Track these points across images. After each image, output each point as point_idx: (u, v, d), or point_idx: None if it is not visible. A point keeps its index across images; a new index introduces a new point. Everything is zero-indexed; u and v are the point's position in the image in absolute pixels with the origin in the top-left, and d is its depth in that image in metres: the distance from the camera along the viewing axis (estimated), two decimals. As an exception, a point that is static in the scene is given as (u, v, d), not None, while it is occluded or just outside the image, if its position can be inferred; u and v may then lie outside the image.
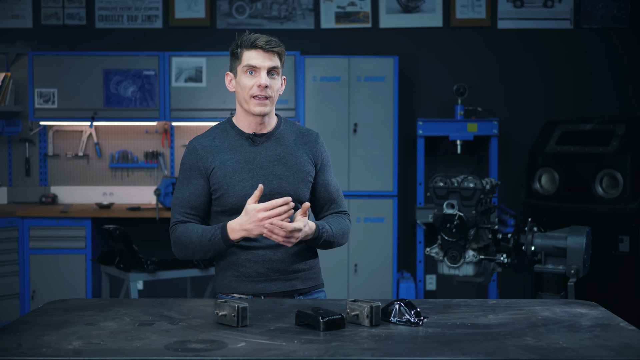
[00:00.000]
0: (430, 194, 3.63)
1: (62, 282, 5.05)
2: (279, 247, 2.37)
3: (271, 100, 2.38)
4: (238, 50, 2.42)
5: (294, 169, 2.40)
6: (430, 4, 5.61)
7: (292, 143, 2.44)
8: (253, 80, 2.36)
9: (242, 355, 1.66)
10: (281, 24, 5.62)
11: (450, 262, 3.55)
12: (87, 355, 1.66)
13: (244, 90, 2.37)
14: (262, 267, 2.37)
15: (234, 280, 2.40)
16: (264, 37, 2.39)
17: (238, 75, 2.41)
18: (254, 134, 2.42)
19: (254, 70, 2.36)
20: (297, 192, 2.39)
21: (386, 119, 5.27)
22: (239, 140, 2.42)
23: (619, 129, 4.75)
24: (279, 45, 2.40)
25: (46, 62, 5.34)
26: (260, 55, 2.36)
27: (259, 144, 2.42)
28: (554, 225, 3.77)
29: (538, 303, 2.22)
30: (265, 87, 2.34)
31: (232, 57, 2.44)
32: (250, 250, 2.37)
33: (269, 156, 2.40)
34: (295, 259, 2.41)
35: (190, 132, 5.64)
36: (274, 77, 2.38)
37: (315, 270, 2.49)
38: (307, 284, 2.44)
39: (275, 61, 2.38)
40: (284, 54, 2.42)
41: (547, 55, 5.64)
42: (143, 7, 5.64)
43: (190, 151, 2.44)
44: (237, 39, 2.43)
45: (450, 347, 1.72)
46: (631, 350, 1.71)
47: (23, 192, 5.61)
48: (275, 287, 2.38)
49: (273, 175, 2.38)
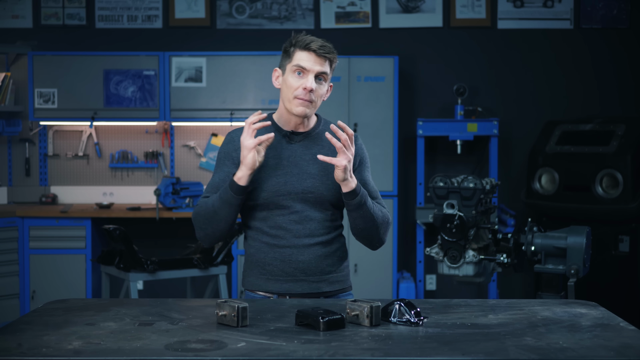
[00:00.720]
0: (430, 194, 3.62)
1: (62, 282, 5.05)
2: (307, 247, 2.36)
3: (314, 104, 2.37)
4: (291, 48, 2.37)
5: (329, 169, 2.37)
6: (430, 4, 5.61)
7: (330, 143, 2.40)
8: (300, 82, 2.34)
9: (242, 355, 1.66)
10: (281, 24, 5.62)
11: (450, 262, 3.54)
12: (87, 355, 1.66)
13: (289, 90, 2.35)
14: (288, 267, 2.36)
15: (260, 278, 2.39)
16: (319, 40, 2.36)
17: (286, 73, 2.38)
18: (291, 131, 2.41)
19: (303, 72, 2.34)
20: (331, 192, 2.37)
21: (386, 119, 5.27)
22: (276, 137, 2.40)
23: (619, 129, 4.75)
24: (332, 52, 2.38)
25: (46, 62, 5.34)
26: (312, 58, 2.34)
27: (296, 142, 2.41)
28: (554, 225, 3.76)
29: (538, 303, 2.22)
30: (311, 90, 2.33)
31: (284, 54, 2.40)
32: (277, 249, 2.37)
33: (304, 155, 2.39)
34: (323, 261, 2.39)
35: (190, 132, 5.64)
36: (321, 83, 2.37)
37: (344, 273, 2.46)
38: (334, 287, 2.42)
39: (325, 67, 2.36)
40: (335, 61, 2.41)
41: (547, 55, 5.63)
42: (143, 7, 5.64)
43: (227, 141, 2.44)
44: (292, 37, 2.39)
45: (450, 347, 1.72)
46: (631, 350, 1.71)
47: (23, 192, 5.61)
48: (301, 288, 2.37)
49: (307, 174, 2.37)
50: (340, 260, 2.44)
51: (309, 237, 2.37)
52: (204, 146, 5.65)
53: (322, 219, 2.38)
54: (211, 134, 5.62)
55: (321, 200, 2.37)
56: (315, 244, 2.38)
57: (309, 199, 2.36)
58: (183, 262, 4.42)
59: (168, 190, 5.10)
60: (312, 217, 2.36)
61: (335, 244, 2.43)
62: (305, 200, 2.36)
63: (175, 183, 5.14)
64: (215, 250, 4.47)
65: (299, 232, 2.36)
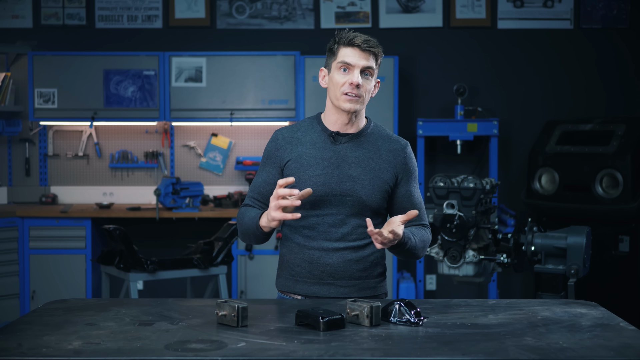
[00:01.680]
0: (430, 194, 3.62)
1: (62, 282, 5.05)
2: (336, 250, 2.33)
3: (362, 99, 2.34)
4: (335, 46, 2.36)
5: (371, 174, 2.34)
6: (430, 4, 5.61)
7: (376, 148, 2.39)
8: (346, 78, 2.31)
9: (242, 355, 1.66)
10: (281, 24, 5.62)
11: (450, 262, 3.54)
12: (87, 355, 1.66)
13: (336, 87, 2.33)
14: (316, 270, 2.34)
15: (290, 279, 2.38)
16: (363, 36, 2.35)
17: (332, 72, 2.36)
18: (337, 132, 2.38)
19: (348, 68, 2.32)
20: (370, 198, 2.33)
21: (386, 119, 5.27)
22: (321, 136, 2.38)
23: (619, 129, 4.75)
24: (377, 46, 2.37)
25: (46, 62, 5.34)
26: (356, 53, 2.32)
27: (340, 143, 2.37)
28: (554, 225, 3.77)
29: (538, 303, 2.22)
30: (357, 85, 2.31)
31: (329, 53, 2.39)
32: (306, 250, 2.34)
33: (347, 157, 2.35)
34: (353, 266, 2.35)
35: (190, 132, 5.64)
36: (368, 78, 2.35)
37: (377, 279, 2.40)
38: (364, 293, 2.36)
39: (370, 61, 2.35)
40: (380, 55, 2.39)
41: (547, 55, 5.63)
42: (143, 7, 5.64)
43: (272, 140, 2.43)
44: (336, 35, 2.37)
45: (450, 347, 1.72)
46: (631, 350, 1.71)
47: (23, 192, 5.61)
48: (327, 291, 2.34)
49: (347, 177, 2.33)
50: (373, 267, 2.39)
51: (340, 240, 2.33)
52: (204, 146, 5.65)
53: (357, 224, 2.33)
54: (211, 134, 5.62)
55: (359, 205, 2.32)
56: (345, 248, 2.33)
57: (347, 202, 2.32)
58: (183, 262, 4.42)
59: (168, 190, 5.10)
60: (347, 221, 2.32)
61: (368, 250, 2.36)
62: (343, 203, 2.32)
63: (175, 183, 5.14)
64: (215, 250, 4.48)
65: (330, 235, 2.33)
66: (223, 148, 5.61)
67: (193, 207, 5.16)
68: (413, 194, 2.40)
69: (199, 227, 5.27)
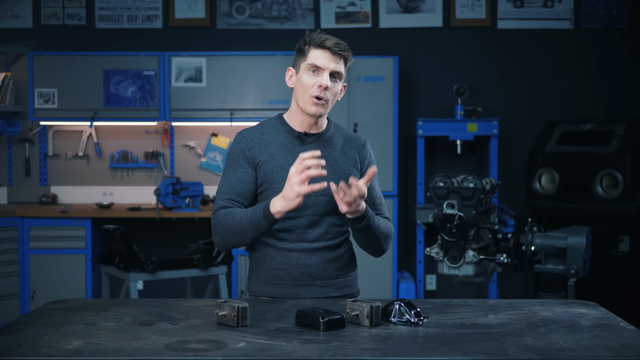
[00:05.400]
0: (430, 194, 3.62)
1: (62, 282, 5.05)
2: (315, 251, 2.34)
3: (328, 103, 2.35)
4: (305, 47, 2.36)
5: (339, 173, 2.37)
6: (430, 4, 5.61)
7: (340, 147, 2.41)
8: (314, 80, 2.32)
9: (242, 355, 1.66)
10: (281, 24, 5.62)
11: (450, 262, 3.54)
12: (87, 355, 1.66)
13: (304, 88, 2.33)
14: (296, 271, 2.34)
15: (267, 283, 2.36)
16: (334, 39, 2.35)
17: (300, 72, 2.36)
18: (304, 133, 2.39)
19: (317, 70, 2.32)
20: None
21: (386, 119, 5.27)
22: (288, 138, 2.39)
23: (619, 129, 4.75)
24: (347, 50, 2.37)
25: (46, 62, 5.34)
26: (327, 56, 2.33)
27: (307, 143, 2.39)
28: (554, 225, 3.76)
29: (538, 303, 2.22)
30: (325, 88, 2.31)
31: (298, 53, 2.39)
32: (285, 252, 2.34)
33: None
34: (331, 265, 2.37)
35: (190, 132, 5.64)
36: (336, 81, 2.35)
37: (352, 277, 2.44)
38: (342, 292, 2.40)
39: (340, 65, 2.35)
40: (350, 59, 2.39)
41: (547, 55, 5.64)
42: (143, 7, 5.64)
43: (238, 140, 2.40)
44: (306, 35, 2.37)
45: (450, 347, 1.72)
46: (631, 350, 1.71)
47: (23, 192, 5.61)
48: (308, 292, 2.34)
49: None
50: (347, 265, 2.42)
51: (318, 240, 2.35)
52: (204, 146, 5.65)
53: (332, 223, 2.36)
54: (211, 134, 5.62)
55: (332, 204, 2.32)
56: (323, 247, 2.36)
57: (320, 202, 2.33)
58: (183, 262, 4.42)
59: (168, 190, 5.10)
60: (322, 221, 2.34)
61: (342, 248, 2.41)
62: (317, 203, 2.34)
63: (175, 183, 5.14)
64: (215, 250, 4.48)
65: (307, 236, 2.34)
66: (223, 148, 5.61)
67: (193, 207, 5.16)
68: (373, 188, 2.45)
69: (199, 227, 5.27)
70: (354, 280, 2.45)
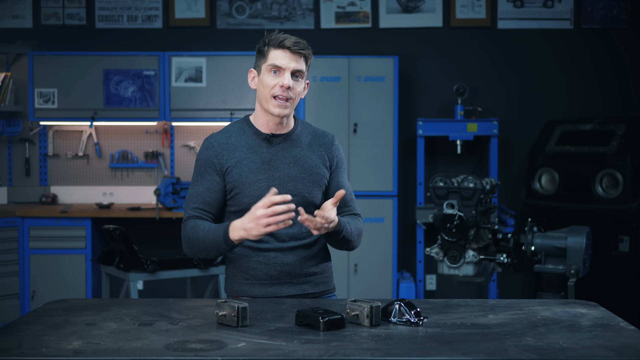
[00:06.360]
0: (430, 194, 3.62)
1: (62, 282, 5.05)
2: (291, 250, 2.36)
3: (292, 102, 2.35)
4: (265, 48, 2.37)
5: (309, 171, 2.39)
6: (430, 4, 5.61)
7: (308, 145, 2.43)
8: (276, 80, 2.33)
9: (242, 355, 1.66)
10: (281, 24, 5.62)
11: (450, 262, 3.54)
12: (87, 355, 1.66)
13: (266, 89, 2.34)
14: (273, 270, 2.36)
15: (244, 283, 2.38)
16: (293, 38, 2.35)
17: (261, 73, 2.37)
18: (271, 134, 2.40)
19: (278, 70, 2.33)
20: (311, 195, 2.39)
21: (386, 119, 5.27)
22: (255, 140, 2.40)
23: (619, 129, 4.75)
24: (307, 48, 2.37)
25: (46, 62, 5.34)
26: (287, 55, 2.33)
27: (275, 144, 2.40)
28: (554, 225, 3.76)
29: (538, 303, 2.22)
30: (288, 88, 2.32)
31: (258, 55, 2.40)
32: (261, 252, 2.36)
33: (285, 158, 2.39)
34: (307, 262, 2.40)
35: (190, 132, 5.64)
36: (298, 80, 2.36)
37: (328, 274, 2.47)
38: (318, 288, 2.43)
39: (300, 64, 2.35)
40: (310, 57, 2.40)
41: (547, 55, 5.63)
42: (143, 7, 5.64)
43: (205, 147, 2.41)
44: (265, 36, 2.38)
45: (450, 347, 1.72)
46: (631, 350, 1.71)
47: (23, 192, 5.61)
48: (286, 290, 2.37)
49: (289, 177, 2.37)
50: (323, 262, 2.45)
51: (293, 239, 2.37)
52: (204, 146, 5.64)
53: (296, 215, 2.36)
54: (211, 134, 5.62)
55: (304, 203, 2.35)
56: (299, 246, 2.38)
57: (292, 202, 2.31)
58: (183, 262, 4.42)
59: (168, 190, 5.10)
60: (295, 220, 2.31)
61: (317, 246, 2.43)
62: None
63: (175, 183, 5.14)
64: (215, 250, 4.47)
65: (282, 237, 2.36)
66: (223, 148, 5.61)
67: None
68: (344, 185, 2.47)
69: (199, 227, 5.26)
70: (330, 277, 2.48)
